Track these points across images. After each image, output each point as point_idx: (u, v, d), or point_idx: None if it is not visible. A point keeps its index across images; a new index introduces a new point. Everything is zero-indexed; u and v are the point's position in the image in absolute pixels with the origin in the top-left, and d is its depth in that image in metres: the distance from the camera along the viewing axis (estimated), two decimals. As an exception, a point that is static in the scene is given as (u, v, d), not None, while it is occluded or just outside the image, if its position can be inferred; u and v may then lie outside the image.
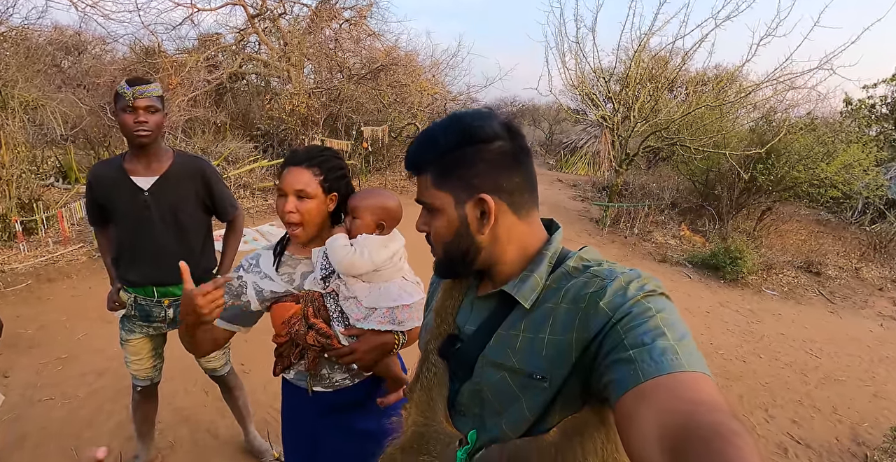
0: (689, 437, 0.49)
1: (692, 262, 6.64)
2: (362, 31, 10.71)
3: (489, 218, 0.76)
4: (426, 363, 0.88)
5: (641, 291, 0.67)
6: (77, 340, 3.32)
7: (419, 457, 0.83)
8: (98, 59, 9.09)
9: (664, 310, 0.65)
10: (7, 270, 4.29)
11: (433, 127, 0.79)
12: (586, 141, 15.40)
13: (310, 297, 1.27)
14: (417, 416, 0.87)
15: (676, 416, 0.52)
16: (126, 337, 1.95)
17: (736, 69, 7.97)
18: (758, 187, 7.82)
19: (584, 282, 0.72)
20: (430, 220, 0.81)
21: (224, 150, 8.04)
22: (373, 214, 1.25)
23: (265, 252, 1.33)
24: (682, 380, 0.57)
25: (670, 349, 0.60)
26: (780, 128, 7.66)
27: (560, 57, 8.42)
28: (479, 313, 0.84)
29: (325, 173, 1.24)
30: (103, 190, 1.82)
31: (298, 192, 1.22)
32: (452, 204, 0.77)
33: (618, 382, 0.60)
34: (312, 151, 1.26)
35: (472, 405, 0.80)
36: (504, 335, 0.77)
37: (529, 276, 0.77)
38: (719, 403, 0.54)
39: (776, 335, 4.68)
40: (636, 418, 0.55)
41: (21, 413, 2.53)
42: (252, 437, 2.34)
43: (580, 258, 0.78)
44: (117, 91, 1.69)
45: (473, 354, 0.80)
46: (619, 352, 0.62)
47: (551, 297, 0.74)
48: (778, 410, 3.33)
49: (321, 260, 1.27)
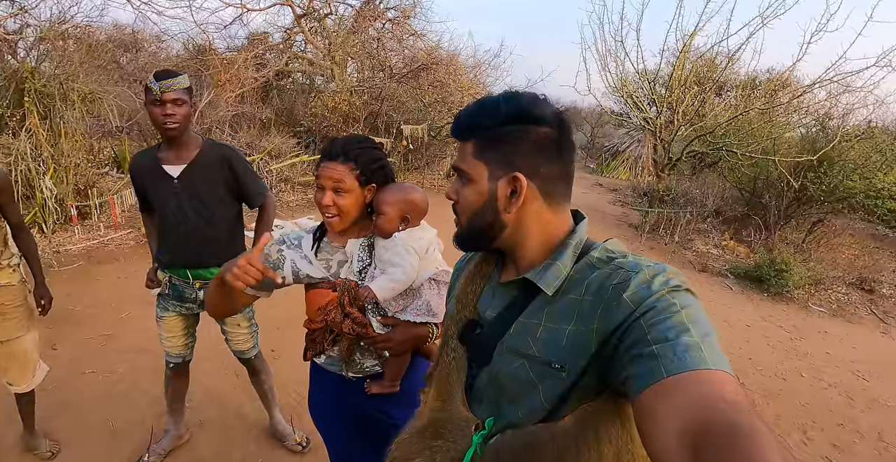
0: (712, 433, 0.49)
1: (734, 273, 6.38)
2: (405, 30, 10.83)
3: (518, 198, 0.76)
4: (446, 348, 0.89)
5: (666, 286, 0.66)
6: (120, 319, 3.50)
7: (435, 441, 0.84)
8: (153, 56, 9.54)
9: (689, 306, 0.65)
10: (62, 251, 4.57)
11: (489, 98, 0.79)
12: (629, 145, 15.04)
13: (346, 286, 1.28)
14: (435, 400, 0.88)
15: (699, 412, 0.52)
16: (161, 314, 2.05)
17: (787, 69, 7.61)
18: (808, 197, 7.43)
19: (609, 273, 0.71)
20: (461, 189, 0.81)
21: (268, 145, 8.29)
22: (396, 208, 1.26)
23: (307, 235, 1.36)
24: (705, 377, 0.56)
25: (694, 346, 0.59)
26: (834, 134, 7.27)
27: (601, 58, 8.25)
28: (500, 300, 0.84)
29: (361, 167, 1.25)
30: (140, 178, 1.93)
31: (336, 187, 1.23)
32: (486, 176, 0.77)
33: (639, 377, 0.59)
34: (349, 144, 1.26)
35: (490, 391, 0.80)
36: (525, 323, 0.77)
37: (552, 265, 0.76)
38: (742, 403, 0.53)
39: (821, 354, 4.44)
40: (657, 413, 0.55)
41: (65, 383, 2.69)
42: (276, 421, 2.41)
43: (605, 249, 0.77)
44: (146, 85, 1.77)
45: (493, 340, 0.80)
46: (641, 346, 0.61)
47: (574, 288, 0.74)
48: (817, 433, 3.15)
49: (358, 252, 1.30)
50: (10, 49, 5.74)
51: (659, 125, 8.33)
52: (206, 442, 2.36)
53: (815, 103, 8.12)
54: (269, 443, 2.39)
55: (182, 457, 2.25)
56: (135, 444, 2.29)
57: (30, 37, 5.65)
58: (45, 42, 5.48)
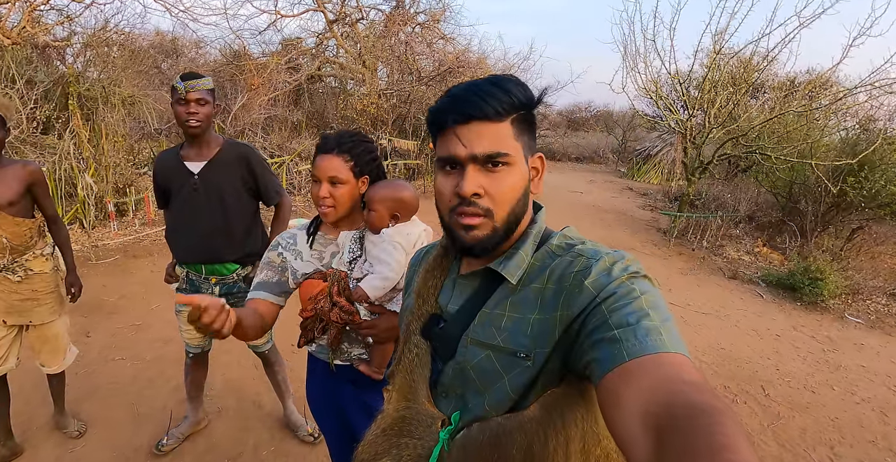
0: (674, 416, 0.49)
1: (766, 280, 6.17)
2: (435, 34, 10.93)
3: (540, 177, 0.78)
4: (408, 345, 0.87)
5: (626, 272, 0.67)
6: (151, 310, 3.66)
7: (401, 439, 0.83)
8: (192, 61, 9.94)
9: (648, 292, 0.65)
10: (100, 245, 4.81)
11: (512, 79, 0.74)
12: (661, 148, 14.72)
13: (336, 276, 1.32)
14: (399, 398, 0.86)
15: (661, 394, 0.52)
16: (179, 308, 2.14)
17: (828, 71, 7.31)
18: (848, 203, 7.11)
19: (570, 261, 0.72)
20: (497, 178, 0.73)
21: (298, 147, 8.50)
22: (386, 206, 1.29)
23: (300, 231, 1.41)
24: (666, 360, 0.57)
25: (654, 330, 0.60)
26: (876, 137, 6.93)
27: (632, 59, 8.11)
28: (462, 292, 0.83)
29: (354, 159, 1.30)
30: (163, 174, 2.03)
31: (331, 179, 1.28)
32: (524, 158, 0.75)
33: (602, 361, 0.60)
34: (342, 138, 1.31)
35: (456, 385, 0.80)
36: (489, 314, 0.77)
37: (515, 253, 0.77)
38: (703, 384, 0.53)
39: (855, 367, 4.23)
40: (620, 396, 0.55)
41: (95, 369, 2.83)
42: (290, 411, 2.47)
43: (563, 236, 0.78)
44: (173, 85, 1.87)
45: (457, 333, 0.79)
46: (603, 331, 0.62)
47: (537, 277, 0.74)
48: (846, 449, 3.01)
49: (349, 244, 1.34)
50: (59, 55, 6.09)
51: (690, 127, 8.13)
52: (222, 429, 2.45)
53: (855, 105, 7.76)
54: (282, 432, 2.46)
55: (199, 442, 2.34)
56: (156, 427, 2.39)
57: (76, 44, 5.97)
58: (91, 48, 5.79)
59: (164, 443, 2.25)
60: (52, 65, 5.83)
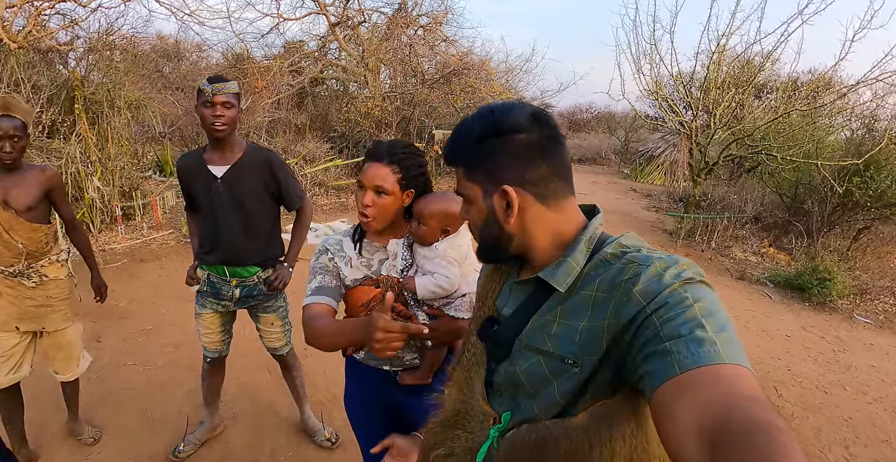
0: (730, 431, 0.48)
1: (774, 281, 6.15)
2: (437, 36, 10.94)
3: (513, 209, 0.77)
4: (467, 344, 0.92)
5: (678, 279, 0.65)
6: (161, 315, 3.64)
7: (456, 431, 0.88)
8: (194, 64, 9.94)
9: (702, 298, 0.63)
10: (107, 250, 4.80)
11: (465, 121, 0.81)
12: (664, 149, 14.71)
13: (389, 282, 1.31)
14: (457, 393, 0.90)
15: (716, 409, 0.50)
16: (199, 311, 2.13)
17: (829, 69, 7.28)
18: (854, 203, 7.10)
19: (620, 269, 0.71)
20: (468, 209, 0.84)
21: (302, 150, 8.49)
22: (437, 220, 1.28)
23: (345, 238, 1.39)
24: (721, 372, 0.55)
25: (708, 340, 0.57)
26: (881, 136, 6.92)
27: (635, 61, 8.09)
28: (517, 297, 0.85)
29: (403, 171, 1.27)
30: (186, 178, 2.02)
31: (377, 188, 1.25)
32: (481, 195, 0.80)
33: (653, 374, 0.59)
34: (394, 148, 1.28)
35: (508, 386, 0.82)
36: (540, 320, 0.77)
37: (564, 262, 0.76)
38: (761, 398, 0.51)
39: (866, 367, 4.22)
40: (673, 410, 0.54)
41: (107, 374, 2.82)
42: (307, 416, 2.46)
43: (619, 244, 0.76)
44: (199, 87, 1.86)
45: (510, 337, 0.81)
46: (655, 343, 0.61)
47: (588, 285, 0.73)
48: (860, 449, 3.00)
49: (402, 251, 1.33)
50: (62, 59, 6.08)
51: (694, 129, 8.12)
52: (238, 434, 2.43)
53: (860, 105, 7.75)
54: (298, 437, 2.44)
55: (215, 447, 2.33)
56: (171, 433, 2.38)
57: (80, 48, 5.96)
58: (94, 52, 5.79)
59: (181, 449, 2.23)
60: (54, 69, 5.82)
